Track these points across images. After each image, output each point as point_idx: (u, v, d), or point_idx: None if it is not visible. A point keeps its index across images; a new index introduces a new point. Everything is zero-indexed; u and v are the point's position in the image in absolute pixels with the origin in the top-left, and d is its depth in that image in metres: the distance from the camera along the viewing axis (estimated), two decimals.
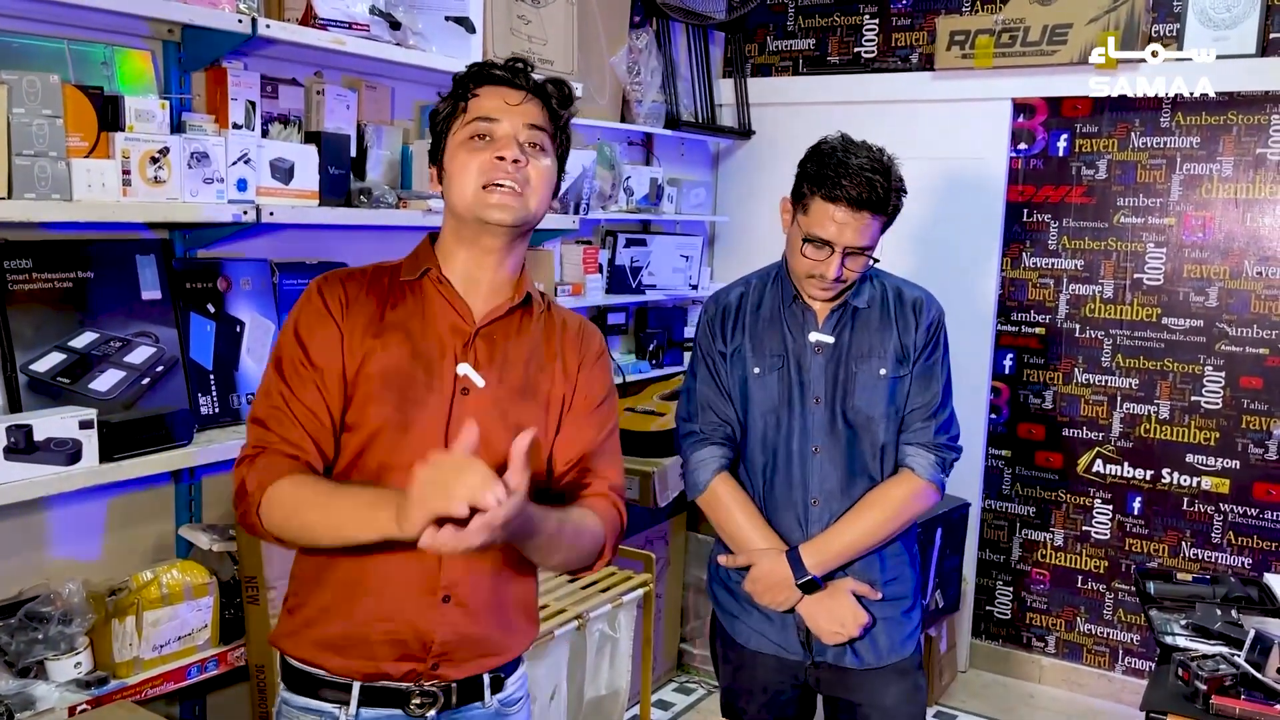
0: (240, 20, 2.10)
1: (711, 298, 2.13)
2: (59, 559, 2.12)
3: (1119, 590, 3.83)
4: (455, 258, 1.50)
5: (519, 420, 1.47)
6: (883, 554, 2.02)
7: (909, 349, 1.98)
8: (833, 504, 1.99)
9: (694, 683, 3.82)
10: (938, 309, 2.04)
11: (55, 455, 1.86)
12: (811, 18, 4.22)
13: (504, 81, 1.46)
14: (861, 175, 1.83)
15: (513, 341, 1.52)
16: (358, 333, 1.45)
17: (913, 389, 1.99)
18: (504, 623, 1.53)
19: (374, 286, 1.49)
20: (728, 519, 2.04)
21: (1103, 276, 3.76)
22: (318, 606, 1.48)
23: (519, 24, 2.92)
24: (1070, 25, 3.54)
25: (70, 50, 2.02)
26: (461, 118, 1.45)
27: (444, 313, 1.49)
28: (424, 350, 1.46)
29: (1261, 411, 3.53)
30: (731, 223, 4.38)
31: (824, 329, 1.99)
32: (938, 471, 1.99)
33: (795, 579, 1.95)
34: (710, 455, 2.05)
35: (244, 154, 2.19)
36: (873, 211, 1.85)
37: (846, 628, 1.96)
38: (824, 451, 1.98)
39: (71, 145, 1.89)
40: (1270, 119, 3.44)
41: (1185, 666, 2.16)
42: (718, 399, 2.05)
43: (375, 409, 1.43)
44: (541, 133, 1.47)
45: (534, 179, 1.44)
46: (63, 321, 2.02)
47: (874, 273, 2.03)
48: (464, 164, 1.43)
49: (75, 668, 1.95)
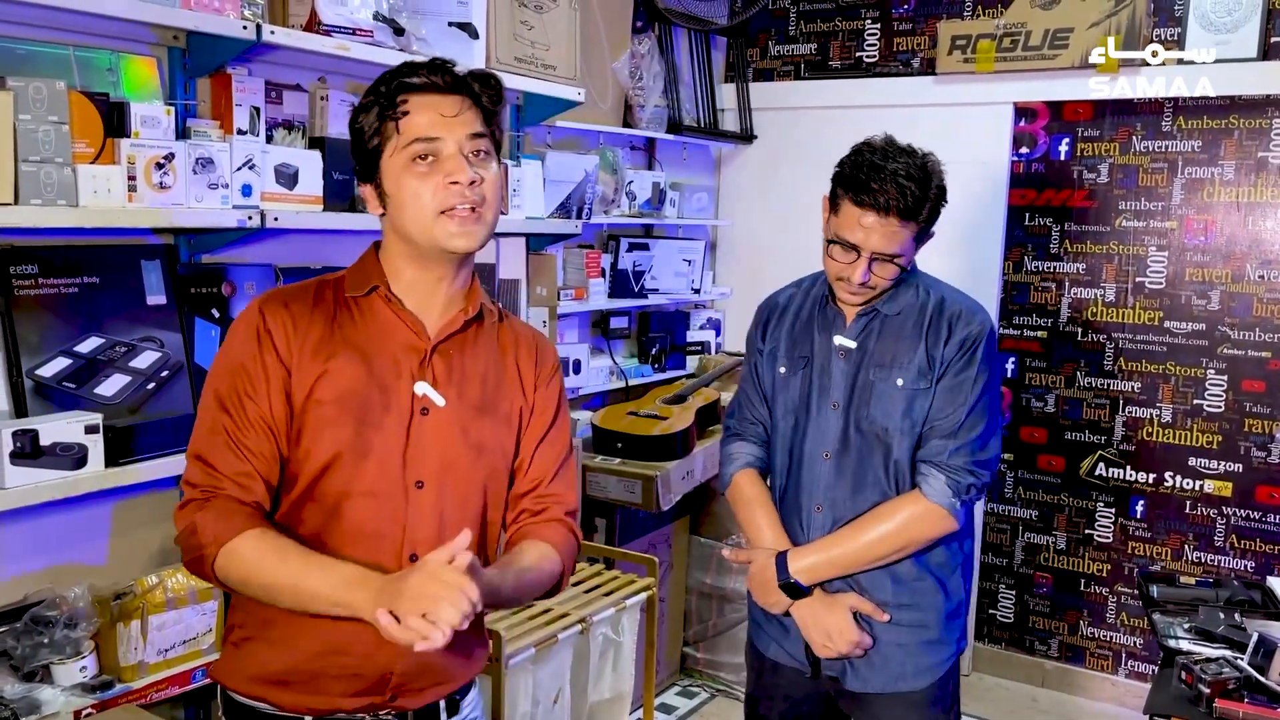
0: (245, 27, 2.11)
1: (767, 298, 2.14)
2: (65, 563, 2.13)
3: (1122, 594, 3.83)
4: (403, 274, 1.43)
5: (480, 438, 1.45)
6: (896, 576, 1.92)
7: (936, 361, 1.88)
8: (836, 513, 1.93)
9: (697, 686, 3.82)
10: (981, 323, 1.91)
11: (61, 460, 1.87)
12: (813, 22, 4.23)
13: (432, 88, 1.37)
14: (895, 180, 1.77)
15: (469, 356, 1.47)
16: (306, 356, 1.37)
17: (935, 404, 1.88)
18: (461, 647, 1.47)
19: (319, 304, 1.41)
20: (744, 514, 2.04)
21: (1104, 280, 3.76)
22: (266, 641, 1.41)
23: (521, 29, 2.93)
24: (1071, 30, 3.54)
25: (76, 57, 2.03)
26: (396, 138, 1.36)
27: (396, 330, 1.42)
28: (379, 370, 1.40)
29: (1264, 415, 3.53)
30: (734, 227, 4.38)
31: (848, 333, 1.94)
32: (949, 495, 1.86)
33: (777, 580, 1.92)
34: (739, 450, 2.07)
35: (248, 159, 2.20)
36: (902, 218, 1.79)
37: (834, 643, 1.90)
38: (834, 458, 1.93)
39: (77, 151, 1.90)
40: (1271, 123, 3.44)
41: (1188, 670, 2.16)
42: (753, 396, 2.07)
43: (331, 434, 1.36)
44: (484, 139, 1.39)
45: (488, 193, 1.38)
46: (68, 327, 2.03)
47: (924, 279, 1.97)
48: (414, 192, 1.35)
49: (80, 672, 1.95)
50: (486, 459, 1.47)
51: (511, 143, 3.18)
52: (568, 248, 3.48)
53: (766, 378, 2.04)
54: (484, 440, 1.46)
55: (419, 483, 1.41)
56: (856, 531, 1.90)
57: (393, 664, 1.41)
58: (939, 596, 1.95)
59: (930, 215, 1.83)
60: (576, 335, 3.68)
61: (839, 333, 1.95)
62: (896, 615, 1.93)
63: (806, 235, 4.18)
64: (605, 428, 3.42)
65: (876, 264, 1.83)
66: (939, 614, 1.95)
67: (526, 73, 2.94)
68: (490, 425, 1.48)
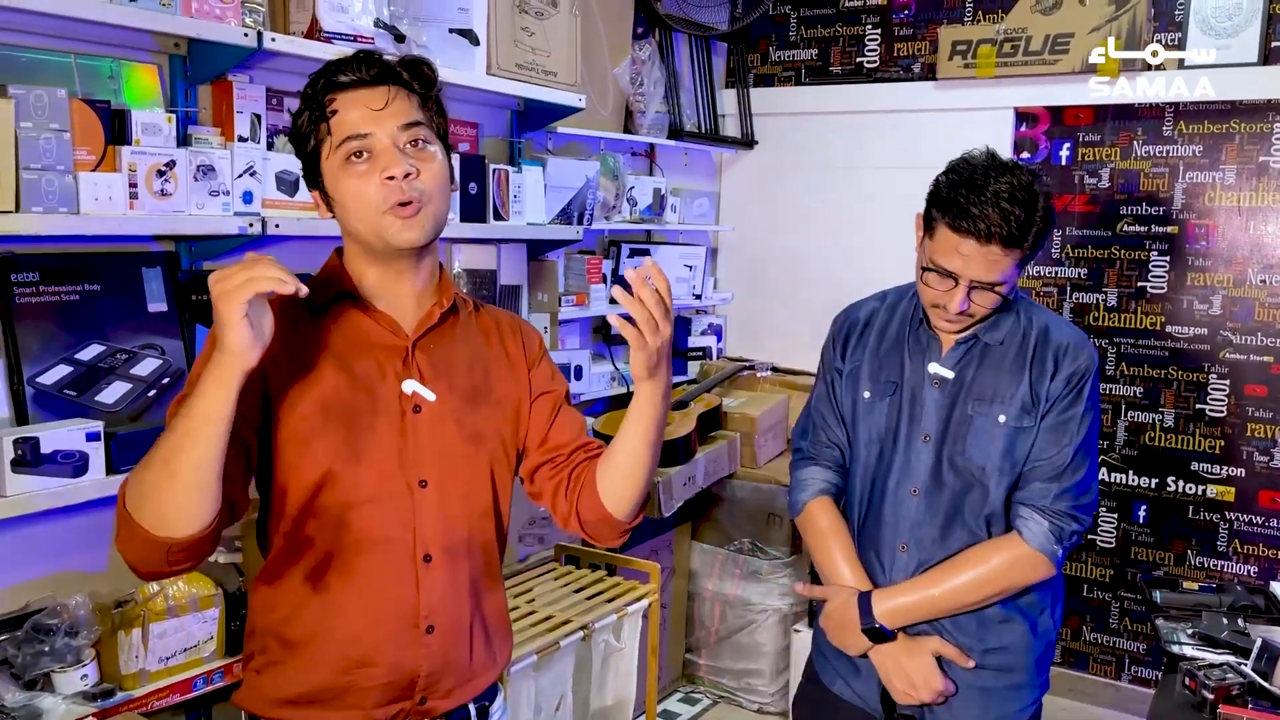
0: (246, 34, 2.12)
1: (843, 311, 2.00)
2: (66, 571, 2.12)
3: (1125, 599, 3.82)
4: (367, 275, 1.40)
5: (476, 427, 1.44)
6: (982, 618, 1.80)
7: (1040, 398, 1.74)
8: (923, 553, 1.81)
9: (700, 693, 3.81)
10: (1089, 359, 1.77)
11: (62, 467, 1.87)
12: (814, 28, 4.24)
13: (357, 84, 1.33)
14: (998, 205, 1.62)
15: (452, 348, 1.45)
16: (288, 367, 1.34)
17: (1038, 444, 1.75)
18: (484, 642, 1.49)
19: (290, 315, 1.36)
20: (819, 546, 1.90)
21: (1106, 285, 3.76)
22: (292, 664, 1.39)
23: (522, 36, 2.93)
24: (1072, 35, 3.55)
25: (77, 64, 2.03)
26: (330, 139, 1.33)
27: (372, 332, 1.40)
28: (362, 374, 1.37)
29: (1266, 419, 3.53)
30: (735, 232, 4.38)
31: (945, 362, 1.80)
32: (1051, 541, 1.73)
33: (861, 624, 1.79)
34: (812, 476, 1.93)
35: (249, 166, 2.20)
36: (1005, 246, 1.64)
37: (918, 691, 1.79)
38: (923, 495, 1.80)
39: (79, 159, 1.90)
40: (1273, 127, 3.44)
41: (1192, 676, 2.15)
42: (830, 419, 1.93)
43: (320, 445, 1.34)
44: (419, 126, 1.35)
45: (429, 184, 1.34)
46: (69, 334, 2.03)
47: (1025, 305, 1.83)
48: (354, 191, 1.32)
49: (82, 680, 1.95)
50: (487, 448, 1.46)
51: (512, 149, 3.19)
52: (569, 254, 3.48)
53: (846, 401, 1.90)
54: (481, 429, 1.45)
55: (422, 481, 1.40)
56: (948, 574, 1.77)
57: (418, 666, 1.40)
58: (1028, 638, 1.84)
59: (1036, 241, 1.67)
60: (578, 341, 3.67)
61: (934, 360, 1.81)
62: (982, 660, 1.81)
63: (808, 240, 4.21)
64: (607, 434, 3.41)
65: (976, 293, 1.69)
66: (1027, 657, 1.84)
67: (527, 79, 2.94)
68: (486, 413, 1.46)
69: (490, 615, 1.51)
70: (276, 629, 1.40)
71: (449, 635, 1.43)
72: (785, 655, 3.58)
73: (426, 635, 1.40)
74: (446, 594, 1.42)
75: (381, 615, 1.38)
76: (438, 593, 1.41)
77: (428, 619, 1.40)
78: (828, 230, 4.18)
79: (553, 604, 2.74)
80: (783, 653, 3.60)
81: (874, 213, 4.05)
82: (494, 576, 1.52)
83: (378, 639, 1.37)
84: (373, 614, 1.38)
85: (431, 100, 1.39)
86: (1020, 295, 1.84)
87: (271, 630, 1.40)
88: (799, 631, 3.40)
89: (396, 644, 1.38)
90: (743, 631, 3.67)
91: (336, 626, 1.37)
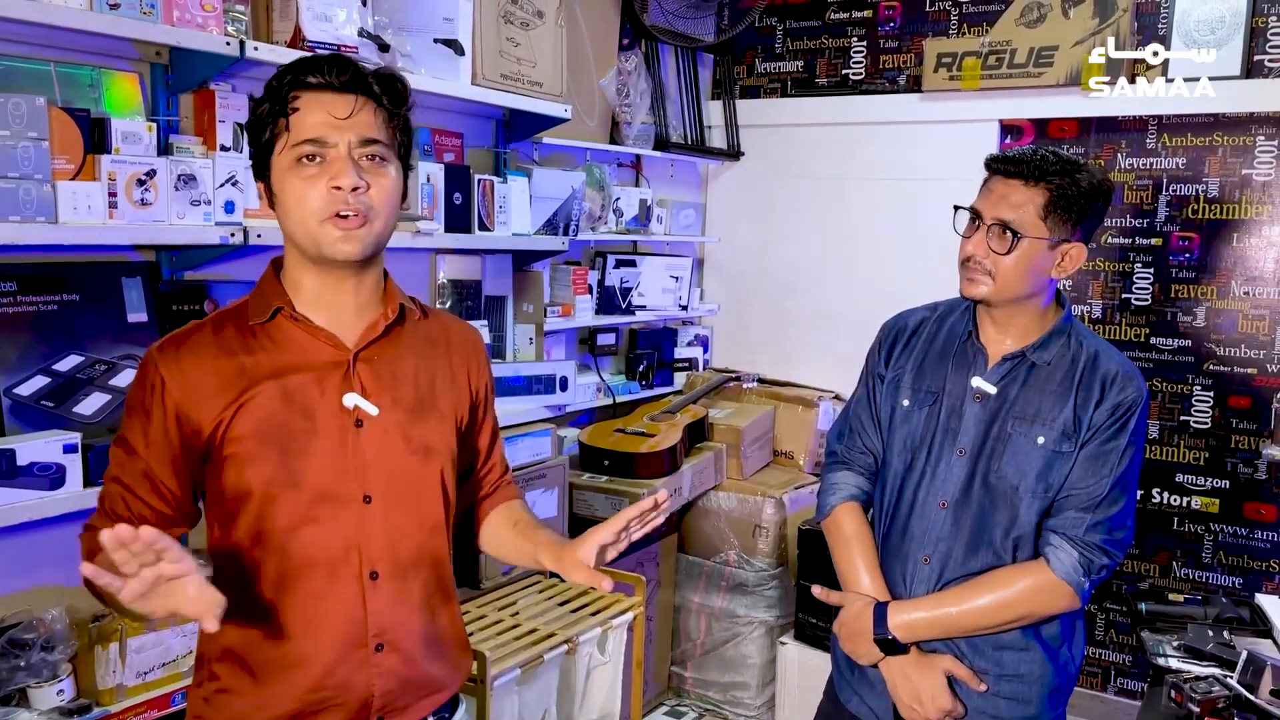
0: (229, 43, 2.10)
1: (893, 316, 1.98)
2: (42, 585, 2.09)
3: (1111, 610, 3.82)
4: (306, 285, 1.37)
5: (423, 440, 1.42)
6: (1000, 642, 1.77)
7: (1083, 424, 1.71)
8: (946, 569, 1.77)
9: (685, 706, 3.79)
10: (1138, 389, 1.73)
11: (38, 480, 1.84)
12: (800, 40, 4.25)
13: (325, 87, 1.29)
14: (1037, 153, 1.68)
15: (396, 359, 1.42)
16: (211, 397, 1.31)
17: (1075, 471, 1.71)
18: (440, 656, 1.47)
19: (220, 339, 1.35)
20: (841, 551, 1.88)
21: (1091, 296, 3.77)
22: (241, 691, 1.37)
23: (508, 46, 2.93)
24: (1056, 47, 3.56)
25: (57, 72, 2.02)
26: (286, 136, 1.29)
27: (311, 347, 1.36)
28: (297, 393, 1.34)
29: (1250, 431, 3.54)
30: (721, 243, 4.38)
31: (989, 377, 1.77)
32: (1079, 574, 1.69)
33: (873, 634, 1.77)
34: (842, 481, 1.92)
35: (231, 176, 2.18)
36: (1024, 179, 1.68)
37: (924, 708, 1.76)
38: (951, 510, 1.77)
39: (57, 168, 1.89)
40: (1255, 139, 3.46)
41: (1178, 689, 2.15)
42: (867, 424, 1.91)
43: (254, 471, 1.32)
44: (377, 144, 1.32)
45: (377, 201, 1.31)
46: (47, 345, 2.01)
47: (1078, 329, 1.81)
48: (298, 194, 1.29)
49: (58, 695, 1.92)
50: (436, 461, 1.44)
51: (498, 159, 3.18)
52: (555, 264, 3.48)
53: (885, 407, 1.88)
54: (429, 441, 1.42)
55: (366, 497, 1.37)
56: (969, 594, 1.74)
57: (371, 686, 1.39)
58: (1046, 669, 1.78)
59: (1067, 202, 1.67)
60: (564, 352, 3.66)
61: (979, 374, 1.79)
62: (995, 686, 1.77)
63: (794, 252, 4.22)
64: (592, 445, 3.40)
65: (995, 239, 1.70)
66: (1043, 689, 1.78)
67: (513, 89, 2.94)
68: (431, 425, 1.43)
69: (445, 629, 1.49)
70: (225, 656, 1.38)
71: (402, 652, 1.41)
72: (771, 668, 3.56)
73: (376, 654, 1.38)
74: (398, 611, 1.40)
75: (329, 635, 1.36)
76: (386, 611, 1.39)
77: (377, 637, 1.39)
78: (814, 241, 4.18)
79: (536, 617, 2.72)
80: (769, 665, 3.58)
81: (859, 223, 4.06)
82: (447, 592, 1.50)
83: (328, 662, 1.35)
84: (320, 636, 1.36)
85: (398, 117, 1.36)
86: (1072, 319, 1.82)
87: (219, 657, 1.38)
88: (785, 644, 3.39)
89: (348, 665, 1.36)
90: (729, 644, 3.65)
91: (287, 652, 1.35)
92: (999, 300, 1.75)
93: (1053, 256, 1.72)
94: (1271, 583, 3.50)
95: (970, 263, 1.74)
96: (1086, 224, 1.72)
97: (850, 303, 4.02)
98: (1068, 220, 1.70)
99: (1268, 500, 3.53)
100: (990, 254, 1.71)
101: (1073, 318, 1.83)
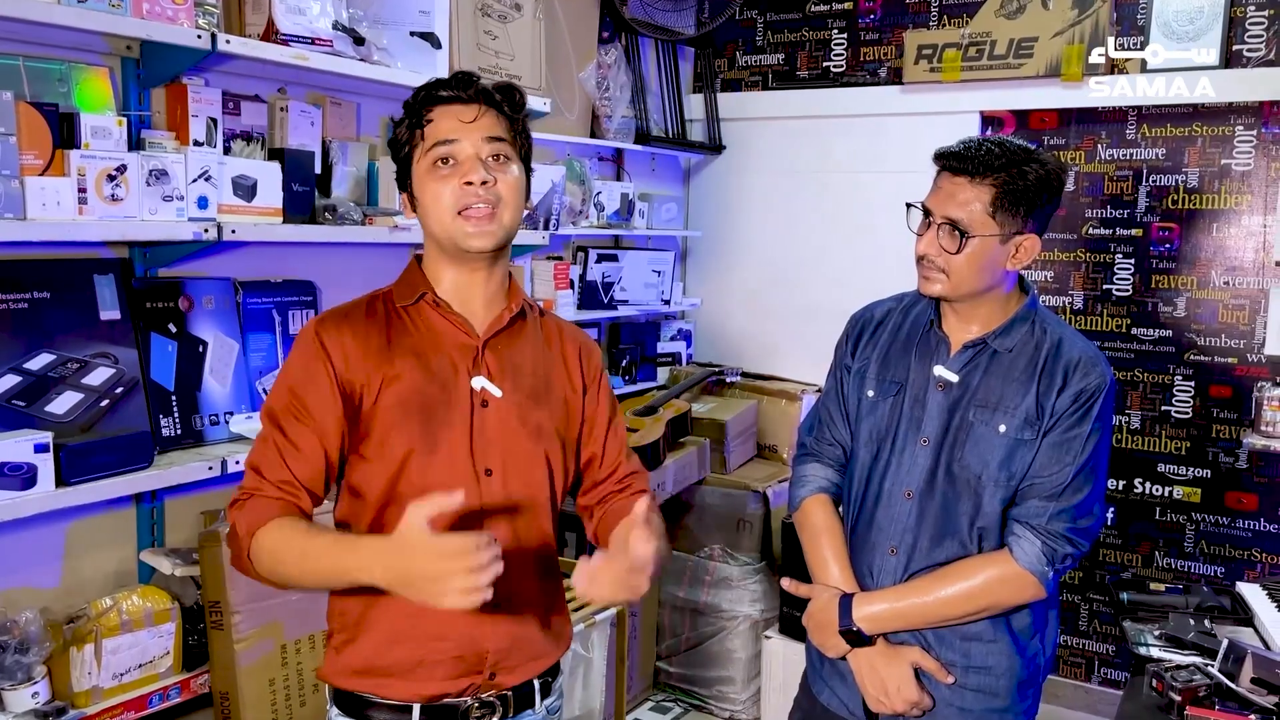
0: (200, 36, 2.07)
1: (861, 309, 1.97)
2: (15, 587, 2.07)
3: (1093, 600, 3.83)
4: (444, 278, 1.53)
5: (538, 422, 1.55)
6: (968, 634, 1.76)
7: (1045, 411, 1.69)
8: (912, 560, 1.77)
9: (670, 701, 3.78)
10: (1101, 377, 1.70)
11: (10, 480, 1.82)
12: (780, 33, 4.24)
13: (454, 99, 1.48)
14: (983, 145, 1.66)
15: (518, 349, 1.57)
16: (368, 368, 1.46)
17: (1039, 459, 1.69)
18: (545, 621, 1.58)
19: (372, 317, 1.51)
20: (811, 545, 1.88)
21: (1072, 288, 3.78)
22: (370, 643, 1.49)
23: (485, 39, 2.90)
24: (1036, 39, 3.57)
25: (25, 67, 1.99)
26: (422, 145, 1.48)
27: (447, 331, 1.52)
28: (437, 370, 1.50)
29: (1231, 420, 3.55)
30: (703, 237, 4.37)
31: (951, 365, 1.77)
32: (1043, 563, 1.68)
33: (839, 626, 1.76)
34: (812, 473, 1.92)
35: (204, 171, 2.16)
36: (969, 176, 1.66)
37: (891, 699, 1.75)
38: (916, 500, 1.77)
39: (26, 163, 1.86)
40: (1234, 130, 3.47)
41: (1159, 678, 2.15)
42: (836, 416, 1.91)
43: (399, 436, 1.45)
44: (502, 143, 1.49)
45: (505, 193, 1.47)
46: (18, 343, 1.98)
47: (1043, 316, 1.79)
48: (435, 194, 1.46)
49: (33, 698, 1.90)
50: (544, 443, 1.57)
51: None
52: (536, 259, 3.46)
53: (852, 399, 1.87)
54: (542, 425, 1.56)
55: (488, 470, 1.50)
56: (933, 585, 1.73)
57: (487, 642, 1.50)
58: (1015, 661, 1.77)
59: (1015, 196, 1.65)
60: None
61: (940, 362, 1.78)
62: (963, 678, 1.77)
63: (776, 245, 4.21)
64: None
65: (945, 237, 1.69)
66: (1011, 681, 1.77)
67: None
68: (546, 410, 1.57)
69: (552, 599, 1.62)
70: (355, 608, 1.50)
71: (516, 612, 1.52)
72: (756, 662, 3.56)
73: (495, 613, 1.46)
74: (513, 575, 1.45)
75: None
76: (504, 573, 1.42)
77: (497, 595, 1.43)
78: (796, 234, 4.18)
79: None
80: (754, 660, 3.58)
81: (841, 216, 4.06)
82: (552, 565, 1.63)
83: (449, 616, 1.41)
84: None
85: (518, 122, 1.52)
86: (1037, 306, 1.80)
87: (350, 609, 1.51)
88: (770, 638, 3.38)
89: (466, 622, 1.45)
90: (714, 639, 3.65)
91: (410, 604, 1.40)
92: (956, 296, 1.76)
93: (1006, 250, 1.71)
94: (1253, 571, 3.52)
95: (925, 261, 1.74)
96: (1038, 215, 1.71)
97: (834, 296, 4.01)
98: (1017, 214, 1.68)
99: (1249, 489, 3.55)
100: (942, 252, 1.71)
101: (1037, 304, 1.81)
